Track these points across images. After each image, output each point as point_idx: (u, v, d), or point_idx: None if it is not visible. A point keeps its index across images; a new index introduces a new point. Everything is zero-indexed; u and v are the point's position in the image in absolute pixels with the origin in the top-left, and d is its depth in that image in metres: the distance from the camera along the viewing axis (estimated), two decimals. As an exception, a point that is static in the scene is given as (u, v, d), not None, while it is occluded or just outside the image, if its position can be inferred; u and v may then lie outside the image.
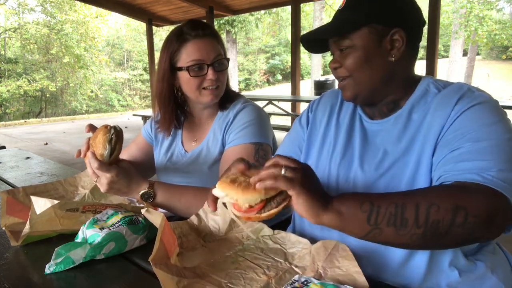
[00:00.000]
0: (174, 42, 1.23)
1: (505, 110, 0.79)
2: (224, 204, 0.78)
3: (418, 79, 0.91)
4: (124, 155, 1.45)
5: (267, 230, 0.91)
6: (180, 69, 1.23)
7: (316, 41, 0.93)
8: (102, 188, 1.06)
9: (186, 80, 1.24)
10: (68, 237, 0.96)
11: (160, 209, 1.18)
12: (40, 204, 0.91)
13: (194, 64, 1.21)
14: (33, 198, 0.92)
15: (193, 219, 0.97)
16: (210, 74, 1.22)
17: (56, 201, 0.91)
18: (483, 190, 0.67)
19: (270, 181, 0.65)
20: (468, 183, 0.69)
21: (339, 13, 0.88)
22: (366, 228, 0.66)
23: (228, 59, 1.28)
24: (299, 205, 0.66)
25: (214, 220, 0.96)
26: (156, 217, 0.75)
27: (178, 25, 1.28)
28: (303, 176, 0.66)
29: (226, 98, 1.33)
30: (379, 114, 0.92)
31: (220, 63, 1.25)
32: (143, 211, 0.76)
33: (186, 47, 1.21)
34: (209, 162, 1.28)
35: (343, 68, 0.88)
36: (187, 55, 1.21)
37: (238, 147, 1.22)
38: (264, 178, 0.66)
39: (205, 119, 1.36)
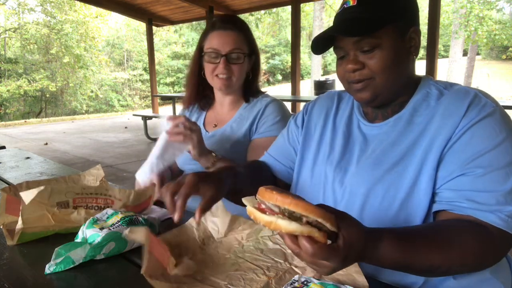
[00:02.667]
0: (206, 29, 1.38)
1: (505, 110, 0.79)
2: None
3: (418, 79, 0.89)
4: None
5: (266, 231, 0.91)
6: (203, 53, 1.37)
7: (322, 39, 0.84)
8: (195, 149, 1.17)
9: (205, 65, 1.37)
10: (66, 236, 0.97)
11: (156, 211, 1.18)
12: (28, 195, 0.93)
13: (211, 51, 1.33)
14: (21, 193, 0.94)
15: (192, 222, 0.97)
16: (221, 63, 1.33)
17: (42, 187, 0.94)
18: (502, 240, 0.71)
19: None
20: (490, 228, 0.70)
21: (354, 11, 0.80)
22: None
23: (246, 55, 1.35)
24: None
25: (214, 222, 0.96)
26: (139, 234, 0.72)
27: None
28: (331, 272, 0.61)
29: (250, 92, 1.44)
30: (382, 116, 0.89)
31: (235, 56, 1.33)
32: (125, 232, 0.76)
33: (211, 35, 1.34)
34: (231, 141, 1.38)
35: (366, 70, 0.81)
36: (209, 42, 1.35)
37: (267, 139, 1.33)
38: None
39: (227, 106, 1.47)
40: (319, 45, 0.85)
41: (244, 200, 0.64)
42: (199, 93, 1.49)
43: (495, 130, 0.74)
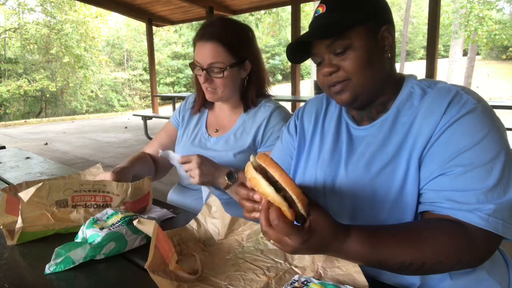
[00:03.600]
0: (194, 37, 1.32)
1: (505, 110, 0.78)
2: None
3: (402, 78, 0.89)
4: (154, 143, 1.54)
5: None
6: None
7: (299, 49, 0.86)
8: (196, 179, 1.16)
9: None
10: (66, 236, 0.97)
11: (155, 214, 1.18)
12: (26, 194, 0.93)
13: (195, 63, 1.29)
14: (20, 193, 0.94)
15: (192, 223, 0.97)
16: (203, 77, 1.28)
17: (40, 184, 0.95)
18: (484, 239, 0.70)
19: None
20: (469, 226, 0.70)
21: (324, 17, 0.82)
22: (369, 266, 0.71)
23: (229, 66, 1.26)
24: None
25: (214, 223, 0.96)
26: (148, 226, 0.74)
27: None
28: (296, 252, 0.66)
29: (248, 100, 1.38)
30: (368, 118, 0.90)
31: (215, 70, 1.26)
32: (135, 222, 0.76)
33: (196, 45, 1.29)
34: (236, 150, 1.33)
35: (341, 71, 0.82)
36: (195, 53, 1.30)
37: None
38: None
39: (226, 111, 1.43)
40: (296, 54, 0.87)
41: (251, 156, 0.68)
42: (204, 99, 1.44)
43: (476, 127, 0.74)
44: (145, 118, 7.36)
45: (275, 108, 1.35)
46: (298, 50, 0.86)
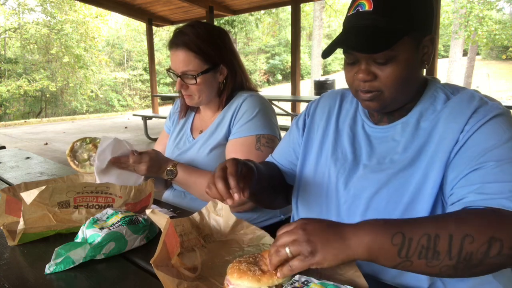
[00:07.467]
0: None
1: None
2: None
3: (425, 81, 0.87)
4: None
5: (268, 239, 0.90)
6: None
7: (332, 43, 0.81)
8: (142, 172, 1.25)
9: None
10: (66, 236, 0.97)
11: (161, 208, 1.18)
12: (29, 195, 0.93)
13: (171, 70, 1.32)
14: (22, 194, 0.94)
15: (195, 216, 0.97)
16: (178, 83, 1.31)
17: (43, 187, 0.94)
18: None
19: (287, 271, 0.65)
20: (500, 210, 0.66)
21: (370, 18, 0.75)
22: (396, 260, 0.63)
23: (201, 73, 1.27)
24: (327, 265, 0.64)
25: (216, 220, 0.96)
26: (161, 219, 0.75)
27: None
28: (309, 242, 0.63)
29: (227, 98, 1.38)
30: (388, 120, 0.88)
31: (187, 78, 1.28)
32: (148, 211, 0.77)
33: (170, 54, 1.31)
34: (211, 146, 1.33)
35: (377, 82, 0.78)
36: (170, 61, 1.32)
37: (240, 139, 1.28)
38: (277, 266, 0.66)
39: (210, 113, 1.42)
40: (327, 48, 0.81)
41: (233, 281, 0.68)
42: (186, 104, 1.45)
43: (503, 129, 0.73)
44: (145, 118, 7.36)
45: (248, 96, 1.34)
46: (330, 44, 0.80)
